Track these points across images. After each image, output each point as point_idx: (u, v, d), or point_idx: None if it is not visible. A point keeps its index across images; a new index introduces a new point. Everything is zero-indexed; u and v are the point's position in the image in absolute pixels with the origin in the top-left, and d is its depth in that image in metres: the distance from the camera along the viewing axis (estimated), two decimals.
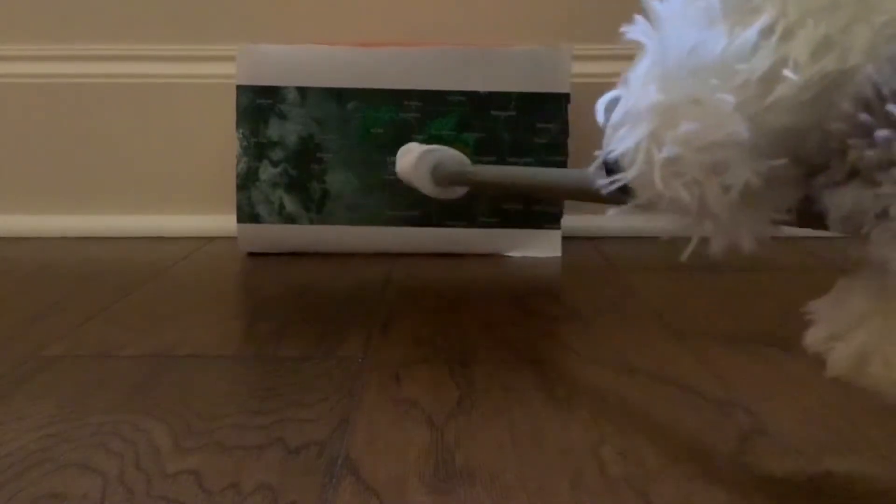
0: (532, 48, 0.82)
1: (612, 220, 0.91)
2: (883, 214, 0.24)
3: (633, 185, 0.29)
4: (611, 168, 0.30)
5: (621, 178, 0.30)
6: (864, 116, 0.25)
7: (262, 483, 0.36)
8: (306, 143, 0.81)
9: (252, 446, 0.39)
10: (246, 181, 0.81)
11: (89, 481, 0.36)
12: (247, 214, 0.82)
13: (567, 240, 0.84)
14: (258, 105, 0.81)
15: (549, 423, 0.42)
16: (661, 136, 0.28)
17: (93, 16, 0.90)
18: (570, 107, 0.82)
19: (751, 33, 0.26)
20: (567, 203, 0.85)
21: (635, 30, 0.30)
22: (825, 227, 0.27)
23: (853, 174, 0.25)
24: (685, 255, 0.30)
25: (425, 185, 0.67)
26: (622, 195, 0.30)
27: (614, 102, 0.30)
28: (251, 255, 0.82)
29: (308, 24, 0.90)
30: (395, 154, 0.80)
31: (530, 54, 0.81)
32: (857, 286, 0.27)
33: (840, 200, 0.26)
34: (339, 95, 0.81)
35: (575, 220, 0.87)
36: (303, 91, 0.81)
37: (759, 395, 0.45)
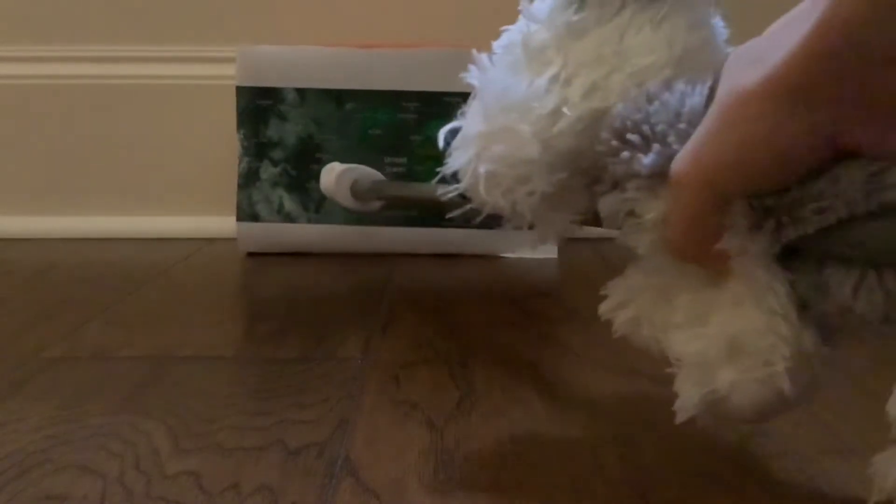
0: None
1: None
2: (630, 213, 0.32)
3: (467, 193, 0.37)
4: (451, 180, 0.38)
5: (457, 189, 0.38)
6: (615, 143, 0.32)
7: (262, 484, 0.36)
8: (306, 143, 0.81)
9: (252, 447, 0.39)
10: (247, 181, 0.81)
11: (89, 482, 0.36)
12: (246, 213, 0.82)
13: (565, 241, 0.84)
14: (258, 106, 0.81)
15: (549, 425, 0.42)
16: (483, 155, 0.36)
17: (93, 17, 0.90)
18: None
19: (542, 81, 0.35)
20: None
21: (470, 75, 0.38)
22: (605, 227, 0.35)
23: (614, 185, 0.33)
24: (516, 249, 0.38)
25: (345, 200, 0.73)
26: (462, 201, 0.38)
27: (454, 132, 0.38)
28: (250, 255, 0.82)
29: (307, 26, 0.90)
30: (392, 154, 0.80)
31: None
32: (637, 267, 0.35)
33: (605, 204, 0.34)
34: (338, 96, 0.81)
35: None
36: (302, 92, 0.81)
37: None
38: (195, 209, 0.92)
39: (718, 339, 0.30)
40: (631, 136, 0.32)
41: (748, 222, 0.29)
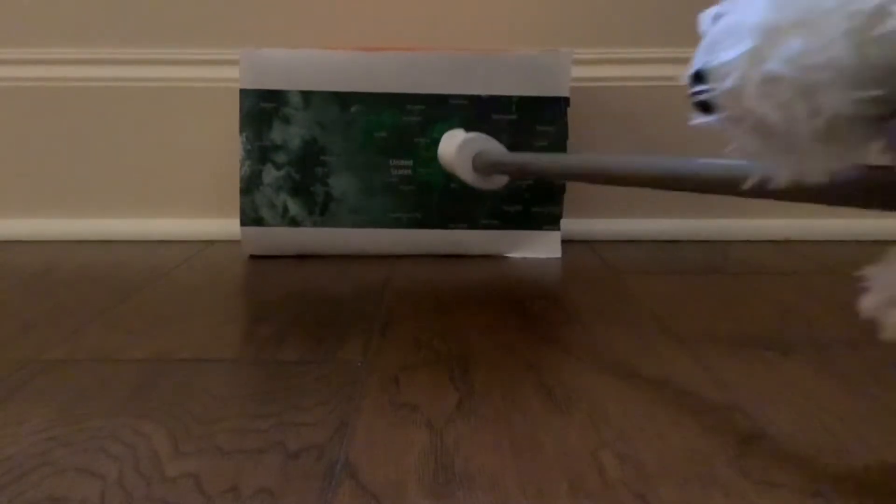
0: (532, 53, 0.82)
1: (611, 224, 0.91)
2: None
3: (722, 100, 0.29)
4: (699, 79, 0.30)
5: (712, 90, 0.30)
6: None
7: (262, 487, 0.36)
8: (310, 146, 0.82)
9: (251, 450, 0.39)
10: (249, 185, 0.82)
11: (89, 485, 0.36)
12: (250, 218, 0.82)
13: (565, 243, 0.84)
14: (261, 109, 0.81)
15: (549, 427, 0.42)
16: (764, 54, 0.28)
17: (95, 20, 0.90)
18: (569, 110, 0.82)
19: None
20: (566, 205, 0.85)
21: None
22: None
23: None
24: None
25: (466, 174, 0.68)
26: (701, 110, 0.30)
27: (718, 17, 0.30)
28: (253, 257, 0.82)
29: (311, 29, 0.90)
30: (397, 157, 0.81)
31: (531, 59, 0.82)
32: None
33: None
34: (342, 99, 0.81)
35: (573, 223, 0.87)
36: (306, 95, 0.81)
37: (758, 398, 0.45)
38: (196, 212, 0.92)
39: None
40: None
41: None
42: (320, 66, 0.81)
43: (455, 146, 0.69)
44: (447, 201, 0.83)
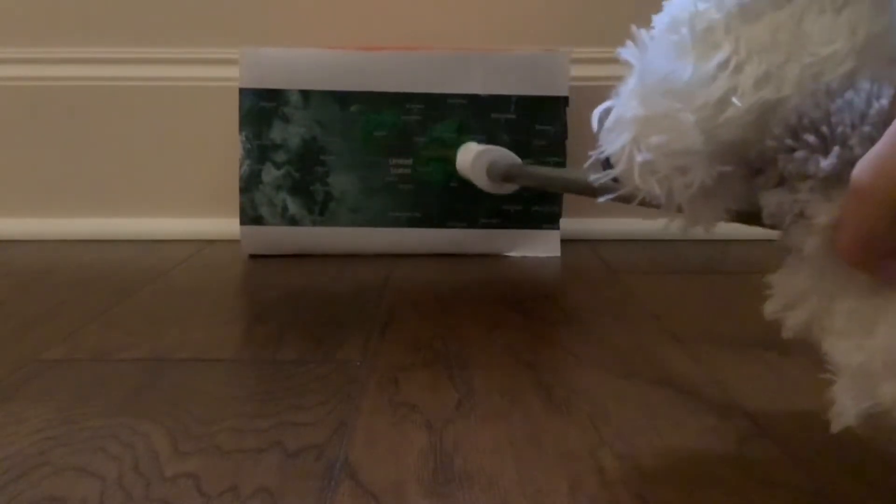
0: (531, 52, 0.82)
1: (610, 224, 0.91)
2: (799, 214, 0.31)
3: (620, 179, 0.36)
4: (605, 165, 0.37)
5: (611, 174, 0.36)
6: (789, 140, 0.31)
7: (261, 486, 0.36)
8: (309, 145, 0.82)
9: (250, 450, 0.39)
10: (249, 184, 0.82)
11: (88, 485, 0.36)
12: (250, 217, 0.82)
13: (565, 243, 0.84)
14: (261, 108, 0.81)
15: (548, 427, 0.42)
16: (640, 143, 0.34)
17: (95, 19, 0.90)
18: (568, 110, 0.82)
19: (710, 66, 0.32)
20: (566, 204, 0.85)
21: (626, 52, 0.36)
22: (761, 224, 0.34)
23: (781, 181, 0.32)
24: (664, 226, 0.37)
25: (480, 181, 0.76)
26: (614, 186, 0.37)
27: (607, 112, 0.36)
28: (252, 257, 0.82)
29: (311, 28, 0.90)
30: (396, 156, 0.81)
31: (530, 58, 0.82)
32: (802, 266, 0.32)
33: (770, 200, 0.32)
34: (341, 98, 0.81)
35: (573, 223, 0.87)
36: (306, 94, 0.81)
37: (757, 398, 0.45)
38: (196, 211, 0.92)
39: (884, 353, 0.28)
40: (807, 136, 0.30)
41: None
42: (320, 66, 0.81)
43: (470, 158, 0.77)
44: (447, 200, 0.83)
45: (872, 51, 0.31)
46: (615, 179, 0.36)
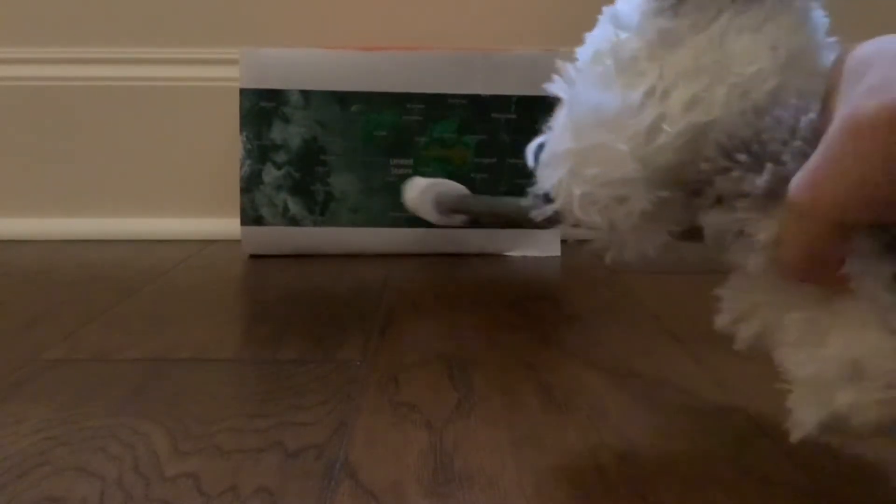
0: (532, 52, 0.82)
1: None
2: (739, 232, 0.31)
3: (560, 213, 0.36)
4: (545, 200, 0.37)
5: (550, 209, 0.36)
6: (722, 161, 0.31)
7: (261, 486, 0.36)
8: (310, 145, 0.82)
9: (250, 450, 0.39)
10: (249, 184, 0.82)
11: (87, 485, 0.36)
12: (250, 217, 0.82)
13: (565, 243, 0.84)
14: (262, 108, 0.81)
15: (548, 427, 0.42)
16: (577, 175, 0.34)
17: (95, 19, 0.90)
18: None
19: (637, 95, 0.33)
20: None
21: (555, 86, 0.37)
22: (704, 242, 0.34)
23: (719, 201, 0.32)
24: (608, 260, 0.37)
25: (429, 214, 0.76)
26: (556, 218, 0.37)
27: (541, 147, 0.37)
28: (252, 257, 0.82)
29: (311, 28, 0.90)
30: (397, 156, 0.81)
31: (530, 58, 0.82)
32: (748, 281, 0.33)
33: (710, 221, 0.33)
34: (342, 98, 0.81)
35: None
36: (306, 94, 0.81)
37: (758, 398, 0.45)
38: (196, 211, 0.92)
39: (838, 362, 0.29)
40: (740, 156, 0.30)
41: (871, 248, 0.28)
42: (320, 66, 0.81)
43: (416, 193, 0.77)
44: None
45: (795, 66, 0.32)
46: (556, 214, 0.37)
